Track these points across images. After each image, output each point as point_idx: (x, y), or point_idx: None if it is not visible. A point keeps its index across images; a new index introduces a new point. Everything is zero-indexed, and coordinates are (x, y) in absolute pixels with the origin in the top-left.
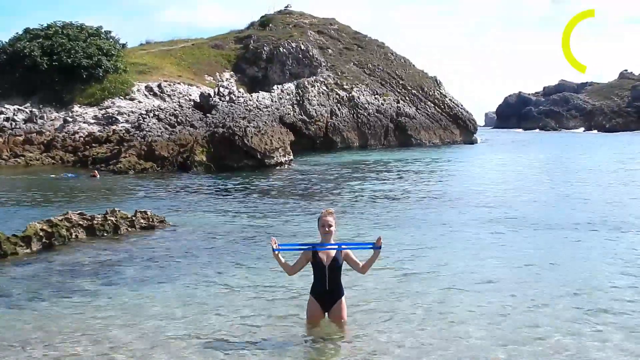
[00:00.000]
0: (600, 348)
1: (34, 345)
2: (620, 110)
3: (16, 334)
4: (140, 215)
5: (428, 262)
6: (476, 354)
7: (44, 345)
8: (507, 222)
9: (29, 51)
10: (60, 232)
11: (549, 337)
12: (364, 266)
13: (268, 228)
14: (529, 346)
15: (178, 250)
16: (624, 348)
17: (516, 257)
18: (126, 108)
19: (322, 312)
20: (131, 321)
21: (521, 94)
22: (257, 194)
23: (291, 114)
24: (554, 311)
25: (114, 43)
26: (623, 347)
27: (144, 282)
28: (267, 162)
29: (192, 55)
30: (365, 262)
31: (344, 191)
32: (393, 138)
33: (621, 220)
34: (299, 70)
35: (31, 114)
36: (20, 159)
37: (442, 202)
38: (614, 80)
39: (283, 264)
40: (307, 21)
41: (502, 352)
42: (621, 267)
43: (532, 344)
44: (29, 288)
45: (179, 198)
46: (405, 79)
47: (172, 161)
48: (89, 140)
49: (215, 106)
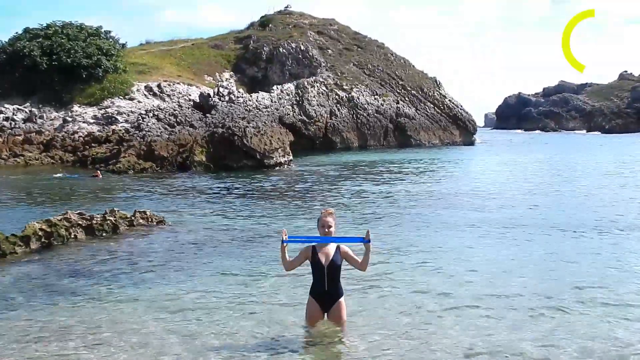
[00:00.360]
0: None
1: (31, 344)
2: (620, 112)
3: (14, 334)
4: (140, 215)
5: (426, 263)
6: (473, 355)
7: (42, 345)
8: (503, 223)
9: (29, 51)
10: (59, 232)
11: (546, 338)
12: (362, 263)
13: (267, 228)
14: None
15: (177, 250)
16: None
17: (511, 258)
18: (126, 108)
19: (322, 312)
20: (127, 322)
21: (521, 94)
22: (256, 194)
23: (291, 115)
24: (553, 312)
25: (113, 43)
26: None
27: (142, 282)
28: (266, 162)
29: (192, 55)
30: (362, 258)
31: (343, 192)
32: (392, 139)
33: (611, 220)
34: (298, 71)
35: (30, 113)
36: (20, 158)
37: (439, 203)
38: (614, 81)
39: (285, 258)
40: (307, 21)
41: (500, 356)
42: (618, 266)
43: (529, 345)
44: (27, 287)
45: (178, 198)
46: (404, 80)
47: (172, 161)
48: (89, 140)
49: (214, 106)
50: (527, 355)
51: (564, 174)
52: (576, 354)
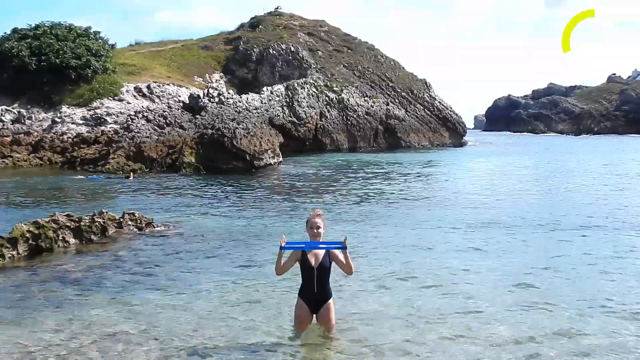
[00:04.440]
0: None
1: (15, 350)
2: (608, 114)
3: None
4: (129, 217)
5: (414, 263)
6: (468, 356)
7: (27, 352)
8: (490, 224)
9: (17, 51)
10: (47, 234)
11: (544, 339)
12: (346, 267)
13: (256, 229)
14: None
15: (166, 252)
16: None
17: (499, 258)
18: (115, 109)
19: (310, 314)
20: (116, 326)
21: (510, 97)
22: (245, 196)
23: (281, 116)
24: (549, 313)
25: (103, 43)
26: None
27: (130, 285)
28: (256, 163)
29: (182, 56)
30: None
31: (333, 192)
32: (382, 140)
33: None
34: (288, 72)
35: (19, 114)
36: (8, 159)
37: (425, 203)
38: (603, 84)
39: (280, 263)
40: (297, 23)
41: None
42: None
43: (525, 347)
44: (14, 291)
45: (168, 199)
46: (394, 82)
47: (161, 162)
48: (78, 141)
49: (204, 107)
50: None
51: (548, 175)
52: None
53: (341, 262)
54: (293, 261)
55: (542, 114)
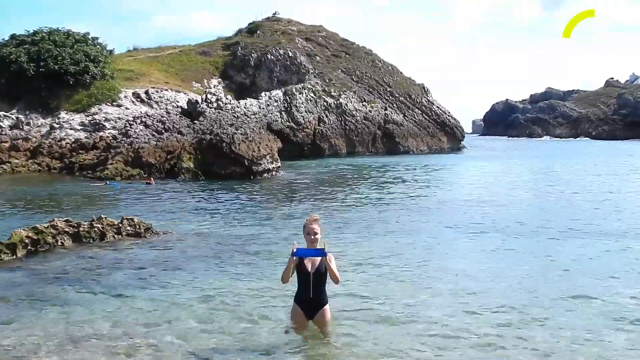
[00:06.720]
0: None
1: (14, 355)
2: (606, 118)
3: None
4: (127, 223)
5: (413, 266)
6: (467, 357)
7: (21, 356)
8: (489, 228)
9: (15, 57)
10: (46, 240)
11: (542, 341)
12: (332, 275)
13: (254, 235)
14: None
15: (164, 257)
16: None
17: (493, 262)
18: (113, 114)
19: (306, 319)
20: (114, 330)
21: (508, 101)
22: (244, 201)
23: (279, 121)
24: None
25: (101, 49)
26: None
27: (128, 290)
28: (254, 169)
29: (180, 61)
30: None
31: (331, 198)
32: (381, 145)
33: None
34: (286, 77)
35: (17, 120)
36: (6, 165)
37: (424, 208)
38: (600, 88)
39: (289, 271)
40: (295, 28)
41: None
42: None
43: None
44: (12, 296)
45: (166, 205)
46: (392, 86)
47: (159, 168)
48: (76, 146)
49: (202, 113)
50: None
51: (545, 179)
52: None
53: (331, 270)
54: (293, 267)
55: (540, 118)
